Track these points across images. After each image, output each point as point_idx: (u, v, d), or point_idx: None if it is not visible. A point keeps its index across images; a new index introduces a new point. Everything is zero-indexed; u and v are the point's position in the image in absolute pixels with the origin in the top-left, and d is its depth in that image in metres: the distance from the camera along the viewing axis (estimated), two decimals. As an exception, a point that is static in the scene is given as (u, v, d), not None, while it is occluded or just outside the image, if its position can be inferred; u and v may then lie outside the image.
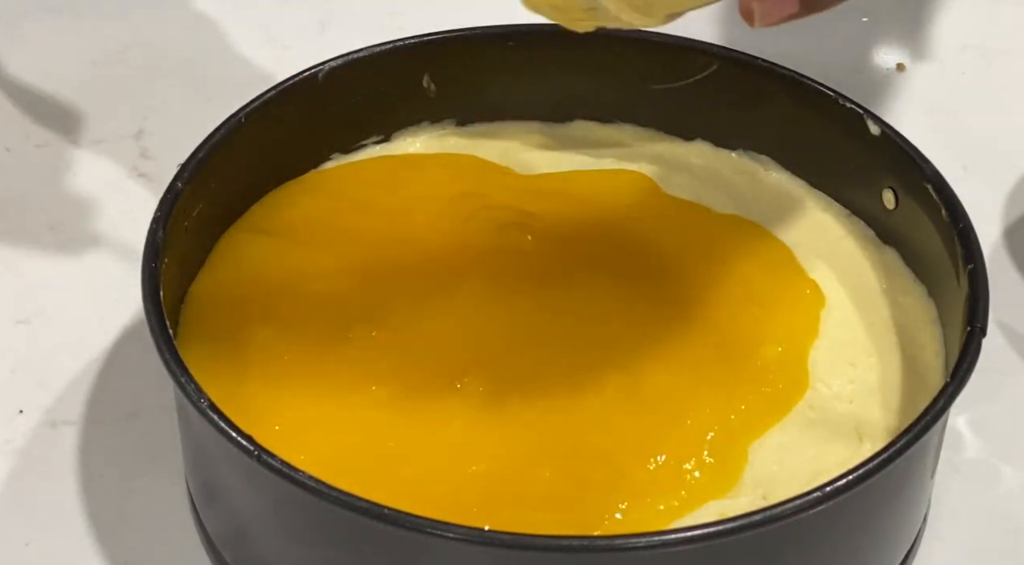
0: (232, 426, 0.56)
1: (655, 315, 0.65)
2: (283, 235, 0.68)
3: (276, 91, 0.69)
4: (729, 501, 0.59)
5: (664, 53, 0.72)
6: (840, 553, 0.58)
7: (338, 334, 0.64)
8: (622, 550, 0.53)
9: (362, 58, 0.71)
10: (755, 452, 0.61)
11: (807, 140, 0.71)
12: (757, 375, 0.63)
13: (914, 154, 0.66)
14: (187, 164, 0.65)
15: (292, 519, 0.57)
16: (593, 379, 0.63)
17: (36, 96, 0.84)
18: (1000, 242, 0.78)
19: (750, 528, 0.54)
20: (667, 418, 0.61)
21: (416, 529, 0.53)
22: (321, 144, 0.72)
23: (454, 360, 0.63)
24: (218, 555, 0.62)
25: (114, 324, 0.72)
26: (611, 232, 0.69)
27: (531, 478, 0.59)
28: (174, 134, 0.81)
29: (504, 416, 0.61)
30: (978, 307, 0.60)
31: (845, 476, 0.55)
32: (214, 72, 0.86)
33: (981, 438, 0.69)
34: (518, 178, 0.72)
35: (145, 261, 0.61)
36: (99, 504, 0.65)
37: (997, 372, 0.71)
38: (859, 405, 0.63)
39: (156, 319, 0.59)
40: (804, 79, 0.70)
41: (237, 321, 0.64)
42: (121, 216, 0.77)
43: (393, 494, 0.55)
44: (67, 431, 0.68)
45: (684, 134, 0.74)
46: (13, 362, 0.71)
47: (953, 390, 0.58)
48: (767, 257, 0.69)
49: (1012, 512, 0.66)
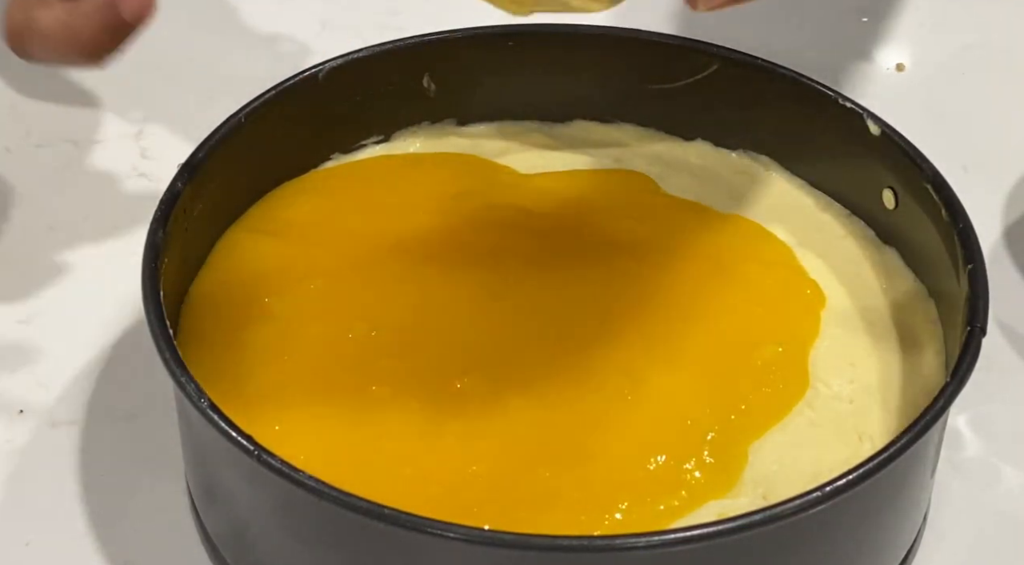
0: (232, 426, 0.56)
1: (655, 315, 0.65)
2: (283, 235, 0.68)
3: (276, 91, 0.69)
4: (729, 501, 0.59)
5: (664, 53, 0.72)
6: (840, 553, 0.58)
7: (338, 334, 0.64)
8: (622, 550, 0.53)
9: (362, 58, 0.71)
10: (755, 452, 0.61)
11: (807, 140, 0.71)
12: (758, 375, 0.63)
13: (914, 154, 0.66)
14: (187, 164, 0.65)
15: (292, 519, 0.57)
16: (593, 379, 0.63)
17: (36, 96, 0.84)
18: (1000, 242, 0.78)
19: (750, 528, 0.54)
20: (667, 418, 0.61)
21: (416, 529, 0.53)
22: (321, 144, 0.72)
23: (454, 360, 0.63)
24: (218, 555, 0.62)
25: (114, 324, 0.72)
26: (611, 232, 0.69)
27: (531, 478, 0.59)
28: (174, 134, 0.81)
29: (504, 416, 0.61)
30: (978, 307, 0.60)
31: (845, 476, 0.55)
32: (214, 72, 0.86)
33: (981, 438, 0.69)
34: (518, 177, 0.72)
35: (145, 261, 0.61)
36: (99, 504, 0.65)
37: (997, 372, 0.71)
38: (859, 405, 0.63)
39: (156, 319, 0.59)
40: (804, 79, 0.70)
41: (237, 321, 0.64)
42: (121, 216, 0.77)
43: (393, 494, 0.55)
44: (67, 431, 0.68)
45: (684, 134, 0.74)
46: (13, 362, 0.71)
47: (953, 390, 0.58)
48: (768, 257, 0.69)
49: (1012, 512, 0.66)
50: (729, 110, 0.73)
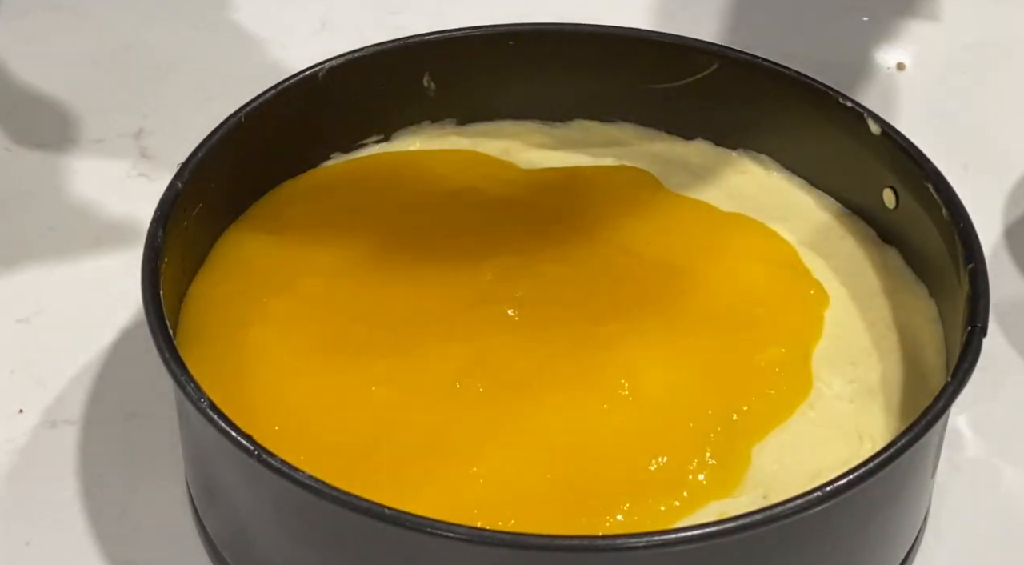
0: (232, 426, 0.56)
1: (657, 314, 0.65)
2: (283, 235, 0.68)
3: (276, 91, 0.69)
4: (729, 500, 0.59)
5: (664, 53, 0.72)
6: (840, 553, 0.58)
7: (338, 334, 0.64)
8: (623, 550, 0.53)
9: (362, 58, 0.71)
10: (757, 452, 0.61)
11: (807, 140, 0.71)
12: (760, 376, 0.63)
13: (914, 154, 0.66)
14: (187, 164, 0.65)
15: (292, 519, 0.57)
16: (594, 379, 0.62)
17: (36, 96, 0.84)
18: (1000, 241, 0.78)
19: (750, 528, 0.54)
20: (668, 419, 0.61)
21: (416, 529, 0.53)
22: (321, 144, 0.72)
23: (454, 360, 0.63)
24: (218, 555, 0.62)
25: (114, 324, 0.72)
26: (613, 229, 0.69)
27: (531, 478, 0.59)
28: (174, 134, 0.81)
29: (504, 416, 0.61)
30: (979, 306, 0.60)
31: (845, 476, 0.55)
32: (214, 72, 0.86)
33: (981, 438, 0.69)
34: (519, 172, 0.72)
35: (145, 261, 0.61)
36: (99, 504, 0.65)
37: (997, 372, 0.71)
38: (860, 405, 0.63)
39: (156, 319, 0.59)
40: (804, 79, 0.70)
41: (237, 321, 0.64)
42: (121, 216, 0.77)
43: (393, 494, 0.55)
44: (67, 431, 0.68)
45: (684, 133, 0.74)
46: (13, 362, 0.71)
47: (954, 390, 0.58)
48: (772, 257, 0.69)
49: (1012, 512, 0.66)
50: (729, 110, 0.72)
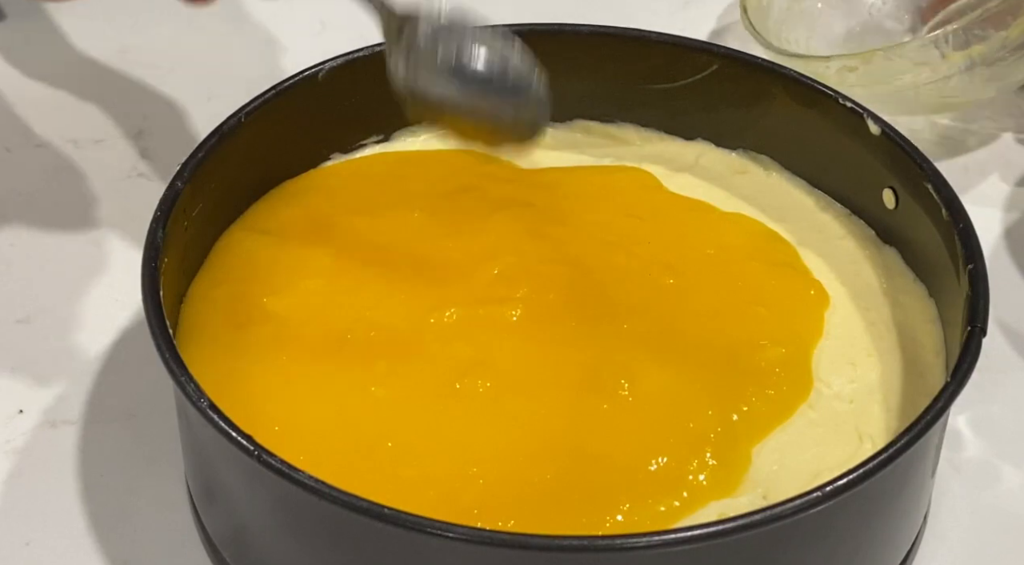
0: (232, 426, 0.56)
1: (658, 314, 0.65)
2: (283, 234, 0.68)
3: (276, 91, 0.69)
4: (729, 501, 0.59)
5: (664, 53, 0.72)
6: (840, 553, 0.58)
7: (337, 334, 0.64)
8: (622, 550, 0.53)
9: (362, 58, 0.71)
10: (756, 452, 0.61)
11: (807, 140, 0.71)
12: (761, 377, 0.63)
13: (914, 154, 0.66)
14: (187, 164, 0.65)
15: (292, 519, 0.57)
16: (594, 379, 0.62)
17: (36, 96, 0.84)
18: (1000, 242, 0.78)
19: (750, 528, 0.54)
20: (669, 419, 0.61)
21: (416, 529, 0.53)
22: (321, 144, 0.72)
23: (454, 360, 0.63)
24: (218, 555, 0.62)
25: (114, 324, 0.72)
26: (613, 228, 0.69)
27: (531, 478, 0.59)
28: (174, 134, 0.81)
29: (504, 416, 0.61)
30: (978, 307, 0.60)
31: (845, 476, 0.55)
32: (214, 72, 0.86)
33: (981, 438, 0.69)
34: (519, 171, 0.72)
35: (145, 261, 0.61)
36: (99, 504, 0.65)
37: (997, 372, 0.71)
38: (859, 405, 0.63)
39: (156, 319, 0.59)
40: (804, 79, 0.70)
41: (237, 321, 0.64)
42: (121, 216, 0.77)
43: (393, 494, 0.55)
44: (67, 431, 0.68)
45: (684, 134, 0.74)
46: (13, 362, 0.71)
47: (953, 390, 0.58)
48: (773, 257, 0.69)
49: (1012, 512, 0.66)
50: (729, 110, 0.72)
